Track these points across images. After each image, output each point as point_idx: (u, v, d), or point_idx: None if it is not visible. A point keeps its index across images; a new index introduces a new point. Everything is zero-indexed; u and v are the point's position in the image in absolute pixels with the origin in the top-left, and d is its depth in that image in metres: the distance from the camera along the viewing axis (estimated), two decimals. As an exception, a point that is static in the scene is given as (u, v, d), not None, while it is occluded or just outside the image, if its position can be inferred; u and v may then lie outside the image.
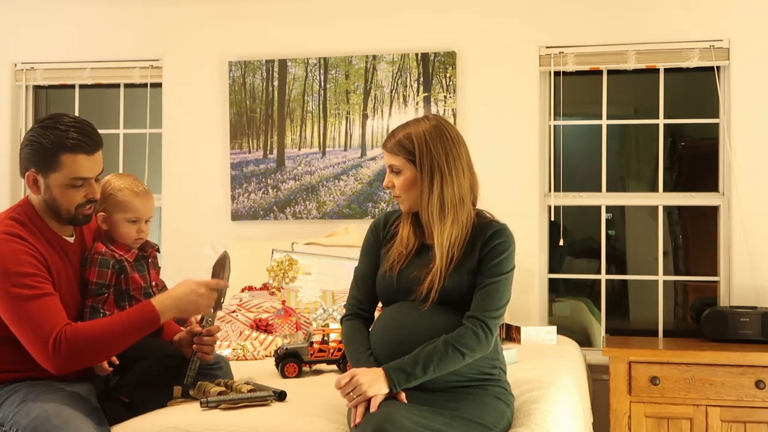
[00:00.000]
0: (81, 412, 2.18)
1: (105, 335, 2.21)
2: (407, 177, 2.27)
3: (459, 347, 2.12)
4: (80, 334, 2.18)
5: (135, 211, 2.51)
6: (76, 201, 2.33)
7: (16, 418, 2.15)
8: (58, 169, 2.30)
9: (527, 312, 4.18)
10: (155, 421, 2.20)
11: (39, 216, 2.37)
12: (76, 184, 2.32)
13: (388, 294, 2.31)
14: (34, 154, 2.32)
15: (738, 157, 4.02)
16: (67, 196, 2.32)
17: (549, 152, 4.30)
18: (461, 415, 2.10)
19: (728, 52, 4.04)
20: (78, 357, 2.19)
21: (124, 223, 2.51)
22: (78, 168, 2.30)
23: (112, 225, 2.52)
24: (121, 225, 2.51)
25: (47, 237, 2.35)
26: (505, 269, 2.23)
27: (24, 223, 2.32)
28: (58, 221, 2.38)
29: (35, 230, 2.33)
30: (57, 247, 2.37)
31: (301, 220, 4.45)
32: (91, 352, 2.21)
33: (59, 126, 2.30)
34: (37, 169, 2.32)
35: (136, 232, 2.52)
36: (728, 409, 3.52)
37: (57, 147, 2.28)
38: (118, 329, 2.22)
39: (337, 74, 4.43)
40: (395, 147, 2.28)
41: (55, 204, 2.33)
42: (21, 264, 2.20)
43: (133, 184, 2.54)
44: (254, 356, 3.23)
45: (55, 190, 2.32)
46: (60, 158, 2.29)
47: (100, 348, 2.22)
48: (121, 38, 4.65)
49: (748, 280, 3.98)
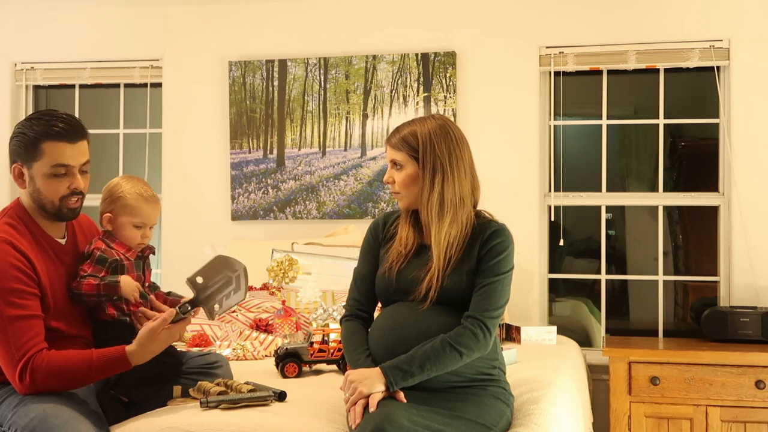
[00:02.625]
0: (80, 413, 2.18)
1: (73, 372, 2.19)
2: (408, 173, 2.27)
3: (457, 347, 2.12)
4: (49, 365, 2.17)
5: (142, 216, 2.51)
6: (59, 192, 2.32)
7: (14, 418, 2.14)
8: (40, 158, 2.29)
9: (527, 312, 4.18)
10: (155, 421, 2.20)
11: (30, 216, 2.36)
12: (59, 173, 2.30)
13: (387, 294, 2.31)
14: (18, 145, 2.33)
15: (738, 157, 4.02)
16: (50, 186, 2.31)
17: (549, 152, 4.30)
18: (460, 414, 2.10)
19: (728, 52, 4.04)
20: (44, 385, 2.18)
21: (130, 227, 2.51)
22: (59, 155, 2.29)
23: (117, 227, 2.51)
24: (126, 228, 2.51)
25: (37, 239, 2.34)
26: (503, 269, 2.23)
27: (14, 225, 2.31)
28: (47, 218, 2.37)
29: (26, 232, 2.32)
30: (47, 248, 2.36)
31: (301, 220, 4.45)
32: (58, 383, 2.20)
33: (44, 117, 2.32)
34: (21, 161, 2.33)
35: (140, 237, 2.53)
36: (728, 409, 3.52)
37: (40, 135, 2.29)
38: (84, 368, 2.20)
39: (337, 74, 4.43)
40: (399, 142, 2.29)
41: (40, 197, 2.32)
42: (8, 279, 2.19)
43: (144, 189, 2.54)
44: (254, 356, 3.23)
45: (38, 180, 2.31)
46: (42, 146, 2.29)
47: (67, 381, 2.21)
48: (121, 38, 4.66)
49: (748, 280, 3.98)
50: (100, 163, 4.76)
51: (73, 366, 2.20)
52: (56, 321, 2.31)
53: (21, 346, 2.16)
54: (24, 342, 2.16)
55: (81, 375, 2.21)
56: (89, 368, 2.21)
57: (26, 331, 2.18)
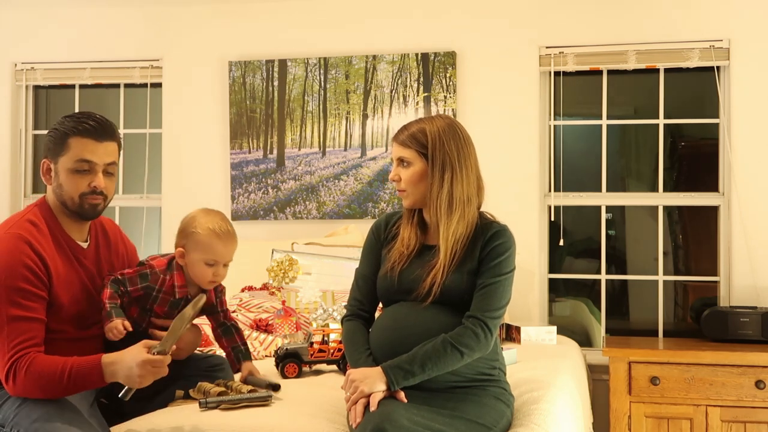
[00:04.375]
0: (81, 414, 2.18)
1: (48, 378, 2.14)
2: (416, 170, 2.27)
3: (458, 346, 2.12)
4: (29, 368, 2.13)
5: (215, 254, 2.42)
6: (80, 188, 2.31)
7: (17, 419, 2.14)
8: (66, 152, 2.31)
9: (527, 312, 4.18)
10: (155, 421, 2.20)
11: (54, 215, 2.36)
12: (82, 168, 2.30)
13: (388, 294, 2.31)
14: (49, 140, 2.35)
15: (738, 157, 4.02)
16: (72, 181, 2.31)
17: (549, 152, 4.30)
18: (461, 415, 2.10)
19: (728, 52, 4.04)
20: (24, 389, 2.15)
21: (201, 265, 2.42)
22: (83, 150, 2.30)
23: (189, 263, 2.44)
24: (197, 265, 2.42)
25: (57, 239, 2.33)
26: (505, 270, 2.23)
27: (36, 223, 2.30)
28: (70, 216, 2.36)
29: (46, 231, 2.31)
30: (67, 250, 2.35)
31: (301, 220, 4.45)
32: (34, 389, 2.15)
33: (77, 115, 2.34)
34: (50, 156, 2.34)
35: (212, 275, 2.44)
36: (728, 409, 3.52)
37: (68, 131, 2.31)
38: (63, 380, 2.13)
39: (337, 74, 4.43)
40: (408, 139, 2.28)
41: (62, 192, 2.33)
42: (16, 278, 2.18)
43: (219, 224, 2.45)
44: (254, 356, 3.22)
45: (62, 175, 2.32)
46: (69, 141, 2.30)
47: (41, 389, 2.15)
48: (121, 38, 4.66)
49: (748, 280, 3.98)
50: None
51: (48, 372, 2.13)
52: (66, 323, 2.31)
53: (13, 347, 2.15)
54: (17, 343, 2.15)
55: (54, 383, 2.13)
56: (62, 376, 2.13)
57: (22, 333, 2.17)
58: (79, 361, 2.16)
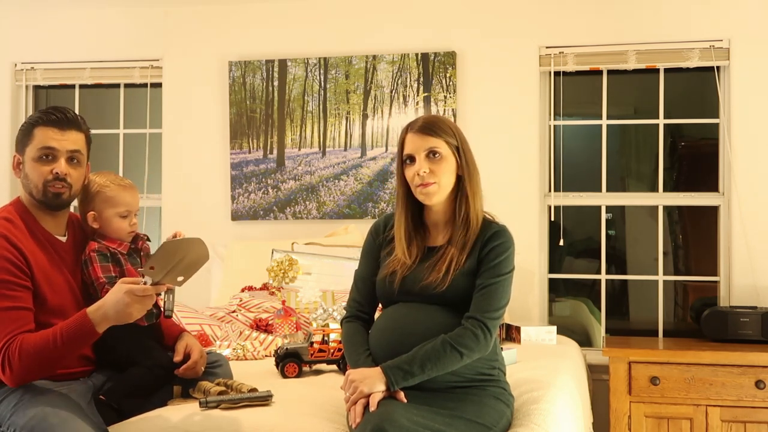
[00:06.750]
0: (78, 412, 2.18)
1: (45, 351, 2.15)
2: (450, 162, 2.26)
3: (457, 347, 2.12)
4: (21, 346, 2.14)
5: (125, 204, 2.51)
6: (43, 175, 2.33)
7: (13, 418, 2.14)
8: (31, 142, 2.34)
9: (527, 312, 4.18)
10: (155, 421, 2.20)
11: (28, 211, 2.38)
12: (45, 156, 2.33)
13: (388, 297, 2.30)
14: (18, 134, 2.38)
15: (738, 157, 4.02)
16: (35, 170, 2.34)
17: (549, 152, 4.30)
18: (460, 415, 2.10)
19: (728, 52, 4.04)
20: (22, 369, 2.15)
21: (116, 218, 2.50)
22: (45, 137, 2.33)
23: (104, 222, 2.50)
24: (113, 220, 2.50)
25: (35, 234, 2.35)
26: (504, 270, 2.23)
27: (10, 219, 2.32)
28: (41, 209, 2.38)
29: (23, 227, 2.33)
30: (46, 245, 2.36)
31: (301, 220, 4.45)
32: (32, 364, 2.16)
33: (46, 108, 2.37)
34: (19, 149, 2.38)
35: (129, 226, 2.52)
36: (728, 409, 3.52)
37: (34, 122, 2.35)
38: (57, 344, 2.15)
39: (337, 74, 4.43)
40: (439, 130, 2.26)
41: (28, 183, 2.36)
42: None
43: (117, 179, 2.55)
44: (254, 356, 3.23)
45: (27, 165, 2.35)
46: (34, 131, 2.34)
47: (39, 360, 2.16)
48: (121, 38, 4.66)
49: (748, 280, 3.98)
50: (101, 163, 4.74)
51: (41, 344, 2.15)
52: (52, 316, 2.31)
53: (3, 337, 2.16)
54: (8, 332, 2.16)
55: (49, 351, 2.15)
56: (54, 342, 2.15)
57: (12, 322, 2.18)
58: (67, 322, 2.19)
